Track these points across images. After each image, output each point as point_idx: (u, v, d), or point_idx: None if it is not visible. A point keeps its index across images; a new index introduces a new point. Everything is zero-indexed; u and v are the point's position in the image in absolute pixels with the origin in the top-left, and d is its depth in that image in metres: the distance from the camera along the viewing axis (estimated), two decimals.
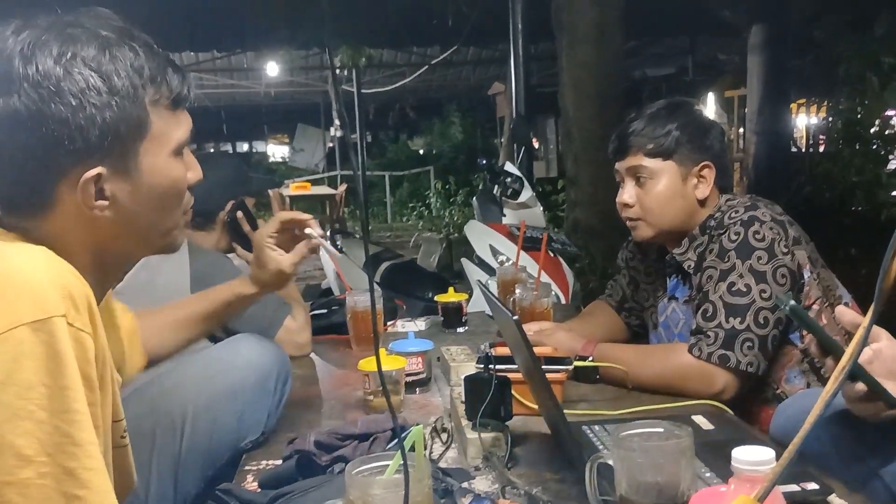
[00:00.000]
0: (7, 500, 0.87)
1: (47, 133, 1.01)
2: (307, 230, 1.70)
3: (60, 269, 0.97)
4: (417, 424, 1.08)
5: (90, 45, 1.04)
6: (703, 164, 1.94)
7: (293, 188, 11.31)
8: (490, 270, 4.03)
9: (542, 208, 5.06)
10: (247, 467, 1.50)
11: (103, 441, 1.00)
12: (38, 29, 1.03)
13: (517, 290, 2.31)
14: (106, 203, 1.07)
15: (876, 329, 1.19)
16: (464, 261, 4.50)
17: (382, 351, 1.80)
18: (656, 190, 1.94)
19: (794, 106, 13.07)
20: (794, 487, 1.20)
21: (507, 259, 3.91)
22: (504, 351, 1.69)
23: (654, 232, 1.98)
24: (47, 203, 1.05)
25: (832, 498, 1.21)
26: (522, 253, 2.80)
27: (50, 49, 1.01)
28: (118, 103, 1.04)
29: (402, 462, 0.97)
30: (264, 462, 1.52)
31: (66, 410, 0.90)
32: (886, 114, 6.74)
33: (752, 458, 0.89)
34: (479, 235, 4.38)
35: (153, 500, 1.49)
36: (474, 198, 5.30)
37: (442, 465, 1.42)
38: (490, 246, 4.23)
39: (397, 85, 15.94)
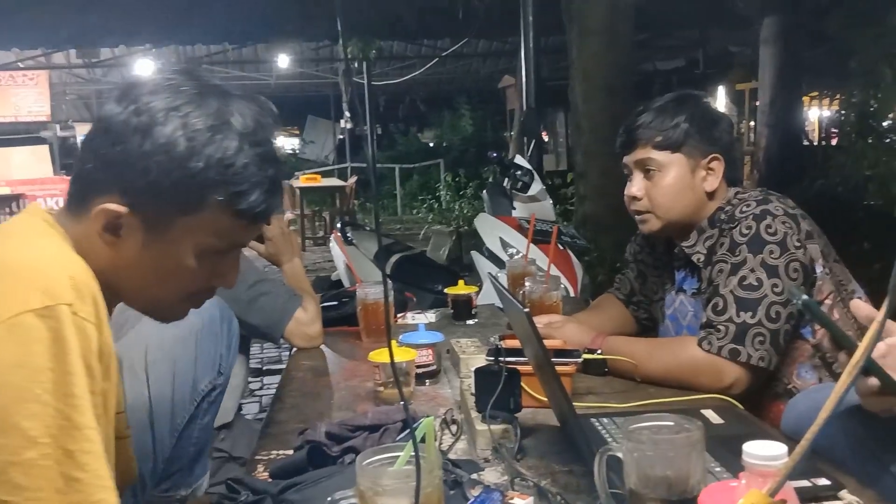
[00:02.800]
0: (10, 478, 0.90)
1: (118, 153, 1.06)
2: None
3: (70, 260, 1.02)
4: (428, 416, 1.08)
5: (208, 116, 1.07)
6: (711, 156, 1.93)
7: (303, 180, 11.33)
8: (500, 263, 4.03)
9: (551, 201, 5.06)
10: (258, 457, 1.51)
11: (105, 430, 1.02)
12: (192, 82, 1.10)
13: (527, 283, 2.31)
14: (113, 238, 1.09)
15: (890, 323, 1.19)
16: (474, 253, 4.51)
17: (393, 343, 1.81)
18: (665, 182, 1.93)
19: (806, 99, 13.02)
20: (805, 483, 1.20)
21: (517, 252, 3.91)
22: (514, 343, 1.69)
23: (663, 225, 1.97)
24: (84, 207, 1.10)
25: (843, 493, 1.20)
26: (532, 246, 2.79)
27: (169, 94, 1.07)
28: (182, 175, 1.06)
29: (413, 453, 0.97)
30: (275, 452, 1.53)
31: (69, 395, 0.93)
32: None
33: (764, 452, 0.89)
34: (490, 228, 4.38)
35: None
36: (484, 191, 5.30)
37: (451, 456, 1.42)
38: (500, 239, 4.23)
39: (407, 77, 15.97)
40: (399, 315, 2.61)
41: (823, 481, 1.21)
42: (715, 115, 1.99)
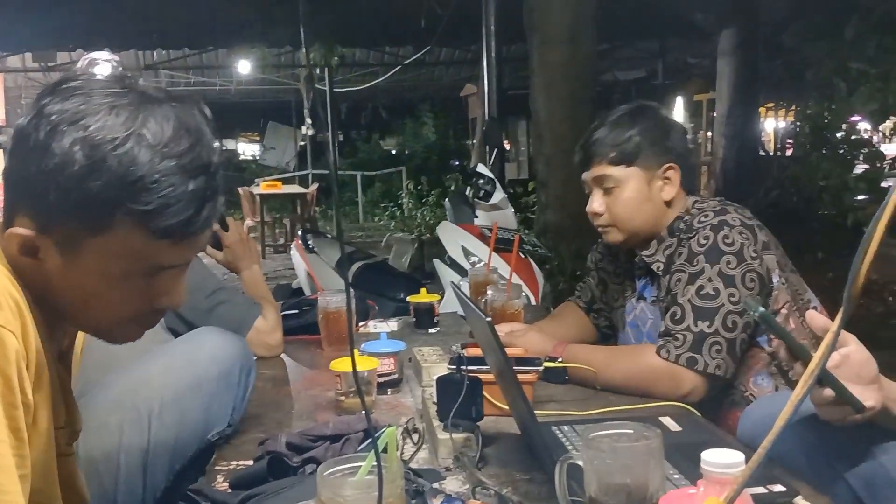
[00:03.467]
0: None
1: (23, 171, 0.99)
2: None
3: None
4: (389, 425, 1.08)
5: (113, 127, 0.97)
6: (666, 165, 1.96)
7: (263, 187, 11.26)
8: (462, 271, 4.04)
9: (513, 210, 5.08)
10: (217, 467, 1.49)
11: (38, 443, 0.99)
12: (107, 88, 1.00)
13: (489, 292, 2.32)
14: (32, 261, 1.02)
15: (844, 334, 1.21)
16: (436, 261, 4.51)
17: (355, 352, 1.80)
18: (624, 197, 1.96)
19: (762, 110, 13.23)
20: (760, 489, 1.22)
21: (479, 260, 3.92)
22: (476, 352, 1.70)
23: (626, 236, 2.00)
24: (7, 225, 1.04)
25: (798, 500, 1.22)
26: (494, 254, 2.80)
27: (75, 103, 0.98)
28: (82, 194, 0.96)
29: (374, 463, 0.97)
30: (235, 462, 1.51)
31: None
32: (853, 119, 6.84)
33: (722, 460, 0.90)
34: (452, 236, 4.39)
35: (122, 495, 1.49)
36: (446, 199, 5.31)
37: (413, 465, 1.42)
38: (462, 247, 4.24)
39: (370, 84, 15.94)
40: (361, 323, 2.60)
41: (779, 488, 1.24)
42: (667, 124, 2.02)
